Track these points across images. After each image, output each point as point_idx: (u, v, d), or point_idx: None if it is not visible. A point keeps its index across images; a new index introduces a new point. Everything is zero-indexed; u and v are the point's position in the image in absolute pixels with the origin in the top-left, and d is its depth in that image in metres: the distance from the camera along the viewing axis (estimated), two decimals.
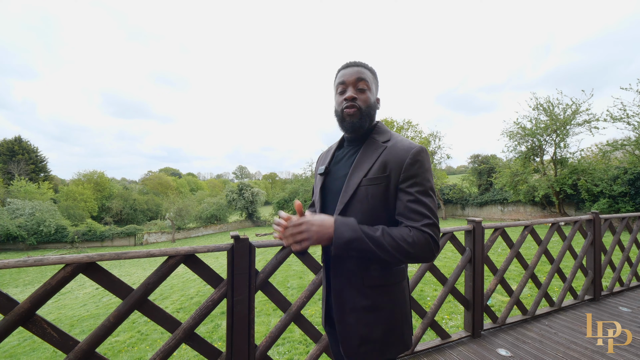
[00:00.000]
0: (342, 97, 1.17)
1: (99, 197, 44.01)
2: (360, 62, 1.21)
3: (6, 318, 1.39)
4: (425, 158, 1.10)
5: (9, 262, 1.40)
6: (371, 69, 1.22)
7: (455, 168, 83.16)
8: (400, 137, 1.17)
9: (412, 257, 0.99)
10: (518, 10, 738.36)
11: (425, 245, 0.99)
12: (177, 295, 8.42)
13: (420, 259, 1.01)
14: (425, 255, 1.01)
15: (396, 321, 1.11)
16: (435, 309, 2.54)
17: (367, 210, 1.09)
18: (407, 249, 0.97)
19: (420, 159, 1.08)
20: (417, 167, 1.07)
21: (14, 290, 14.84)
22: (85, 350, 1.50)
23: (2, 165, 40.57)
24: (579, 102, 16.62)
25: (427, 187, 1.07)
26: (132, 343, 5.32)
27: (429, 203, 1.04)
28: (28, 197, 34.05)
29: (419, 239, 0.99)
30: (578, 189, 16.96)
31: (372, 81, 1.20)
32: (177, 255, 1.70)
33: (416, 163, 1.07)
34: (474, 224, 2.70)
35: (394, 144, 1.13)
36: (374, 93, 1.21)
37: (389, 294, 1.12)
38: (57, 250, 28.27)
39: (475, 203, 26.13)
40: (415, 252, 0.98)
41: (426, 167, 1.09)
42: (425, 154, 1.10)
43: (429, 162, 1.11)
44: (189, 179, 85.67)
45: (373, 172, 1.10)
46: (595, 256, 3.55)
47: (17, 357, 5.92)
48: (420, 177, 1.07)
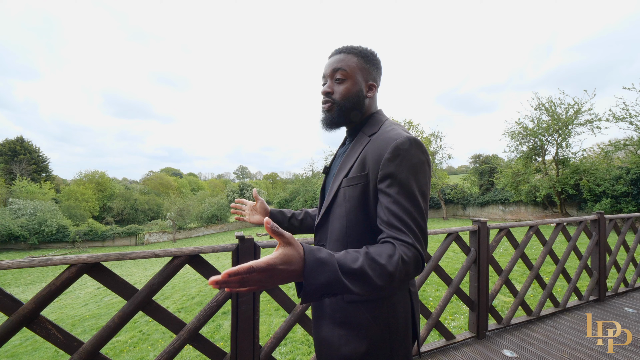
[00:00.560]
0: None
1: (100, 197, 44.11)
2: (345, 48, 1.08)
3: (10, 319, 1.38)
4: (412, 152, 0.89)
5: (13, 263, 1.39)
6: (360, 52, 1.07)
7: (457, 168, 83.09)
8: (392, 127, 1.00)
9: (399, 281, 0.80)
10: (519, 9, 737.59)
11: (414, 263, 0.82)
12: (178, 295, 8.42)
13: (411, 276, 0.83)
14: (416, 272, 0.84)
15: (383, 338, 0.95)
16: (440, 309, 2.52)
17: (344, 216, 0.97)
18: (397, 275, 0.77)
19: (401, 153, 0.89)
20: (398, 162, 0.88)
21: (15, 290, 14.86)
22: (90, 351, 1.49)
23: (4, 165, 40.67)
24: (581, 102, 16.59)
25: (411, 188, 0.87)
26: (133, 343, 5.31)
27: (411, 208, 0.85)
28: (30, 197, 34.14)
29: (404, 263, 0.78)
30: (580, 189, 16.92)
31: (356, 68, 1.05)
32: (182, 255, 1.69)
33: (396, 158, 0.89)
34: (479, 224, 2.69)
35: (379, 135, 0.98)
36: (360, 81, 1.06)
37: (376, 308, 0.95)
38: (58, 250, 28.33)
39: (477, 203, 26.10)
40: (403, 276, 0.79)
41: (412, 162, 0.89)
42: (413, 146, 0.90)
43: (418, 156, 0.90)
44: (190, 179, 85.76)
45: (353, 171, 0.98)
46: (600, 256, 3.53)
47: (18, 356, 5.92)
48: (402, 175, 0.87)
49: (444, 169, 35.48)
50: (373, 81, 1.09)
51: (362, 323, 0.94)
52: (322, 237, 1.07)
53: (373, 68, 1.09)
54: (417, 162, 0.90)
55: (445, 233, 2.55)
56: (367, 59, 1.08)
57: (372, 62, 1.09)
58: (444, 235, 2.56)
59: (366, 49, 1.09)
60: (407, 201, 0.86)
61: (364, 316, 0.94)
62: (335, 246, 1.00)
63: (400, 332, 0.98)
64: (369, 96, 1.09)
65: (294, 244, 0.69)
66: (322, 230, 1.07)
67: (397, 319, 0.97)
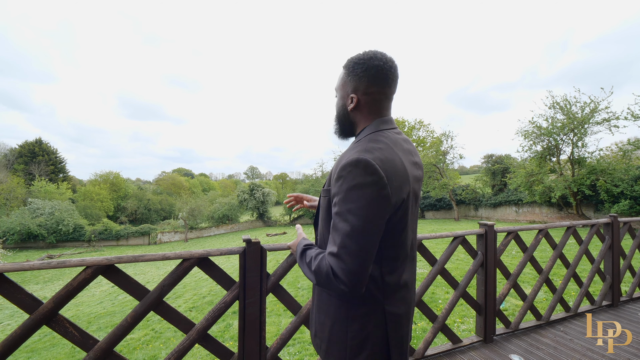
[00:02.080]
0: None
1: (114, 197, 45.22)
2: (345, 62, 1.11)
3: (31, 317, 1.46)
4: (354, 173, 0.90)
5: (34, 264, 1.47)
6: (346, 64, 1.08)
7: (469, 168, 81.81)
8: (357, 145, 1.00)
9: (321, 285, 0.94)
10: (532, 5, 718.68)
11: (326, 276, 0.90)
12: (190, 294, 8.59)
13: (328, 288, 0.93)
14: (329, 286, 0.92)
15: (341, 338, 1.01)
16: (446, 313, 2.52)
17: (322, 223, 1.10)
18: (314, 276, 0.95)
19: (344, 175, 0.92)
20: (340, 183, 0.93)
21: (34, 287, 15.39)
22: (104, 349, 1.56)
23: (23, 166, 42.12)
24: (597, 100, 16.16)
25: (345, 209, 0.90)
26: (146, 341, 5.45)
27: (341, 227, 0.89)
28: (48, 197, 35.29)
29: (321, 268, 0.92)
30: (597, 190, 16.46)
31: (340, 84, 1.10)
32: (192, 258, 1.75)
33: (339, 179, 0.93)
34: (486, 228, 2.67)
35: (342, 154, 1.05)
36: (344, 95, 1.10)
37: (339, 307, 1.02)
38: (75, 248, 29.19)
39: (489, 204, 25.66)
40: (319, 280, 0.94)
41: (352, 184, 0.90)
42: (355, 168, 0.90)
43: (359, 177, 0.89)
44: (202, 180, 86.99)
45: (326, 183, 1.09)
46: (614, 260, 3.45)
47: (38, 352, 6.15)
48: (341, 195, 0.92)
49: (456, 169, 35.04)
50: (353, 92, 1.06)
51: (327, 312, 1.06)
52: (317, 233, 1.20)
53: (354, 78, 1.05)
54: (356, 184, 0.89)
55: (452, 237, 2.55)
56: (349, 71, 1.06)
57: (353, 71, 1.05)
58: (450, 238, 2.56)
59: (352, 59, 1.06)
60: (340, 220, 0.91)
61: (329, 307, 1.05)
62: (321, 245, 1.13)
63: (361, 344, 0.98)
64: (350, 108, 1.07)
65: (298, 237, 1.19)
66: (316, 232, 1.20)
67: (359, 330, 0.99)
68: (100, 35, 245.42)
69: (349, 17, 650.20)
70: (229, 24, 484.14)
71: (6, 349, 1.41)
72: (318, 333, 1.10)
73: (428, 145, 28.73)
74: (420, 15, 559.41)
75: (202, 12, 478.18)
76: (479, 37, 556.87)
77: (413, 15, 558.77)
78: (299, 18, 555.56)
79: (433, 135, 29.46)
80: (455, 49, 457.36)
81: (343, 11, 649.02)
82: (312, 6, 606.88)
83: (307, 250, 1.07)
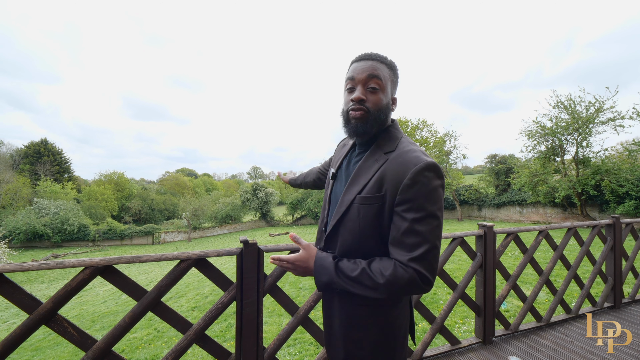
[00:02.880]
0: (349, 96, 1.03)
1: (119, 197, 45.53)
2: (377, 55, 1.05)
3: (31, 317, 1.48)
4: (431, 177, 0.92)
5: (32, 265, 1.49)
6: (390, 63, 1.06)
7: (472, 168, 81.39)
8: (409, 145, 1.01)
9: (392, 294, 0.91)
10: (536, 5, 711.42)
11: (407, 282, 0.89)
12: (192, 294, 8.63)
13: (405, 294, 0.93)
14: (410, 292, 0.91)
15: (386, 342, 1.03)
16: (444, 314, 2.52)
17: (357, 231, 1.01)
18: (384, 288, 0.90)
19: (422, 180, 0.91)
20: (417, 189, 0.91)
21: (40, 286, 15.54)
22: (102, 348, 1.58)
23: (29, 166, 42.51)
24: (602, 100, 16.01)
25: (427, 212, 0.91)
26: (149, 340, 5.49)
27: (425, 232, 0.90)
28: (53, 197, 35.59)
29: (400, 276, 0.89)
30: (602, 190, 16.29)
31: (388, 79, 1.04)
32: (189, 259, 1.76)
33: (416, 184, 0.91)
34: (485, 229, 2.66)
35: (397, 156, 0.98)
36: (389, 93, 1.05)
37: (380, 314, 1.03)
38: (80, 248, 29.43)
39: (493, 204, 25.52)
40: (394, 291, 0.90)
41: (430, 187, 0.91)
42: (432, 172, 0.92)
43: (436, 180, 0.93)
44: (205, 180, 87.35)
45: (368, 189, 0.99)
46: (616, 262, 3.42)
47: (42, 350, 6.22)
48: (420, 200, 0.91)
49: (459, 169, 34.85)
50: (395, 95, 1.11)
51: (365, 326, 1.03)
52: (332, 246, 1.09)
53: (395, 81, 1.09)
54: (433, 188, 0.92)
55: (450, 238, 2.54)
56: (394, 72, 1.08)
57: (397, 75, 1.09)
58: (449, 240, 2.56)
59: (393, 62, 1.08)
60: (421, 225, 0.90)
61: (369, 319, 1.03)
62: (346, 256, 1.03)
63: (400, 339, 1.06)
64: (392, 109, 1.10)
65: (308, 249, 1.04)
66: (333, 240, 1.09)
67: (399, 328, 1.06)
68: (104, 36, 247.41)
69: (352, 15, 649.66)
70: (231, 24, 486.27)
71: (6, 348, 1.44)
72: (354, 351, 1.04)
73: (431, 145, 28.63)
74: (423, 14, 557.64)
75: (205, 13, 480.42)
76: (482, 36, 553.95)
77: (416, 15, 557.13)
78: (300, 17, 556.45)
79: (436, 135, 29.36)
80: (458, 48, 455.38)
81: (345, 10, 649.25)
82: (312, 5, 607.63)
83: (341, 263, 0.98)
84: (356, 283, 0.93)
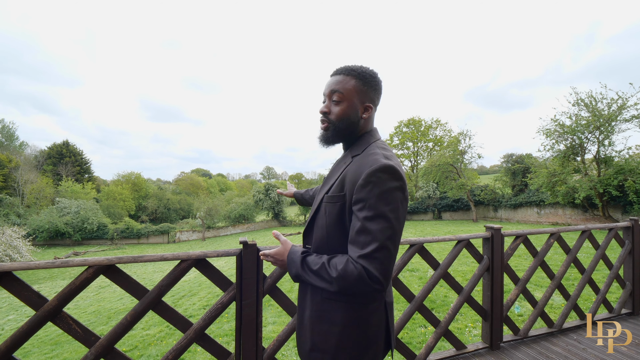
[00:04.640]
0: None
1: (136, 197, 46.83)
2: (344, 69, 1.13)
3: (37, 314, 1.54)
4: (385, 178, 0.97)
5: (39, 263, 1.55)
6: (358, 74, 1.11)
7: (488, 168, 79.47)
8: (375, 149, 1.07)
9: (344, 291, 0.97)
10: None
11: (356, 279, 0.93)
12: (204, 292, 8.77)
13: (355, 292, 0.98)
14: (360, 288, 0.94)
15: (352, 340, 1.05)
16: (449, 318, 2.47)
17: (325, 228, 1.09)
18: (336, 282, 0.95)
19: (374, 180, 0.96)
20: (369, 189, 0.96)
21: (62, 283, 16.14)
22: (105, 345, 1.63)
23: (52, 167, 44.24)
24: (626, 96, 15.33)
25: (378, 212, 0.94)
26: (161, 337, 5.62)
27: (375, 230, 0.93)
28: (74, 196, 36.91)
29: (350, 272, 0.93)
30: (625, 191, 15.62)
31: (352, 90, 1.10)
32: (189, 259, 1.79)
33: (368, 185, 0.96)
34: (492, 231, 2.59)
35: (359, 158, 1.06)
36: (356, 103, 1.12)
37: (347, 310, 1.05)
38: (99, 246, 30.45)
39: (509, 205, 24.86)
40: (344, 285, 0.95)
41: (384, 188, 0.96)
42: (386, 173, 0.97)
43: (392, 182, 0.97)
44: (219, 180, 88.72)
45: (333, 189, 1.08)
46: (635, 266, 3.27)
47: (61, 344, 6.46)
48: (371, 200, 0.95)
49: (474, 168, 34.13)
50: (370, 102, 1.14)
51: (331, 321, 1.07)
52: (309, 241, 1.20)
53: (370, 90, 1.14)
54: (387, 189, 0.97)
55: (455, 240, 2.49)
56: (365, 81, 1.12)
57: (370, 83, 1.13)
58: (454, 242, 2.51)
59: (365, 71, 1.13)
60: (372, 223, 0.95)
61: (336, 314, 1.06)
62: (318, 251, 1.12)
63: (370, 339, 1.07)
64: (364, 117, 1.14)
65: (285, 244, 1.14)
66: (309, 235, 1.20)
67: (368, 329, 1.07)
68: (123, 40, 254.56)
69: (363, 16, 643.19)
70: (245, 26, 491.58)
71: (14, 343, 1.50)
72: (319, 345, 1.08)
73: (445, 144, 28.17)
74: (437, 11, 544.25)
75: (220, 15, 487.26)
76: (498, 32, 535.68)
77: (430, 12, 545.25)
78: (313, 18, 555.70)
79: (450, 134, 28.96)
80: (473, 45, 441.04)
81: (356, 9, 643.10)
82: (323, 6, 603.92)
83: (308, 257, 1.07)
84: (316, 276, 1.01)
